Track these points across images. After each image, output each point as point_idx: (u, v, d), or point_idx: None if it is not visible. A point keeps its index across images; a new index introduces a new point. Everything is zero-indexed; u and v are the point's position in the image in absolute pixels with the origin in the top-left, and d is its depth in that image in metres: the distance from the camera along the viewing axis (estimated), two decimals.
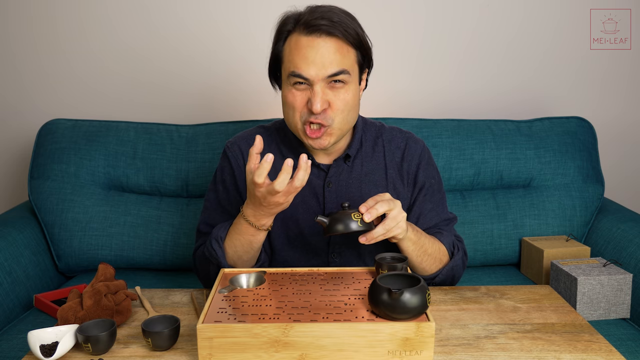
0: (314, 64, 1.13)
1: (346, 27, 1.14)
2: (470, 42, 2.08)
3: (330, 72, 1.13)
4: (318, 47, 1.13)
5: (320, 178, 1.29)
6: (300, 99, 1.16)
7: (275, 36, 1.20)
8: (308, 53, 1.13)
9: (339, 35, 1.14)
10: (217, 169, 1.35)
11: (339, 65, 1.14)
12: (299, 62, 1.14)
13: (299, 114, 1.18)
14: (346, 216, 1.06)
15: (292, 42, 1.16)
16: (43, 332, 0.96)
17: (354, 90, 1.19)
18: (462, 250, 1.32)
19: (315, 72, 1.13)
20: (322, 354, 0.90)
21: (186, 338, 1.00)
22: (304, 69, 1.13)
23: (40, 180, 1.78)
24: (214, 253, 1.18)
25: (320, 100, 1.14)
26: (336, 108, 1.16)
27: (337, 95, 1.16)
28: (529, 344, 0.98)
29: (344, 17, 1.16)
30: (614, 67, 2.12)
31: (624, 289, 1.47)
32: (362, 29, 1.20)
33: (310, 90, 1.15)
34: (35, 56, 2.04)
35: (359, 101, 1.23)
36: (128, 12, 2.01)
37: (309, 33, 1.13)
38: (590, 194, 1.84)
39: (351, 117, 1.21)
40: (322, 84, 1.15)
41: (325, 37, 1.13)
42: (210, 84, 2.07)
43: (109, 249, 1.75)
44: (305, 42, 1.13)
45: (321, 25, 1.12)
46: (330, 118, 1.16)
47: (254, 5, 2.02)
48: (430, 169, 1.35)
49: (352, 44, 1.16)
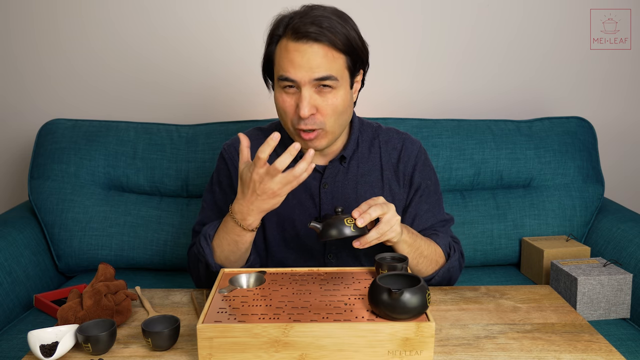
0: (300, 67, 1.13)
1: (335, 33, 1.13)
2: (470, 42, 2.08)
3: (316, 76, 1.13)
4: (305, 52, 1.13)
5: (316, 179, 1.29)
6: (289, 103, 1.17)
7: (267, 39, 1.21)
8: (295, 58, 1.13)
9: (326, 42, 1.13)
10: (214, 171, 1.36)
11: (326, 71, 1.14)
12: (286, 66, 1.14)
13: (289, 118, 1.18)
14: (339, 221, 1.06)
15: (282, 46, 1.16)
16: (43, 332, 0.96)
17: (344, 94, 1.18)
18: (459, 252, 1.32)
19: (301, 75, 1.13)
20: (322, 354, 0.90)
21: (186, 338, 1.00)
22: (291, 72, 1.14)
23: (40, 180, 1.78)
24: (202, 251, 1.18)
25: (307, 105, 1.14)
26: (325, 113, 1.16)
27: (325, 100, 1.16)
28: (529, 344, 0.98)
29: (335, 21, 1.14)
30: (614, 67, 2.12)
31: (624, 289, 1.47)
32: (355, 31, 1.19)
33: (299, 94, 1.15)
34: (36, 56, 2.04)
35: (351, 103, 1.23)
36: (128, 12, 2.01)
37: (296, 39, 1.13)
38: (590, 194, 1.84)
39: (343, 120, 1.21)
40: (310, 88, 1.15)
41: (313, 44, 1.13)
42: (209, 84, 2.07)
43: (109, 249, 1.75)
44: (293, 48, 1.14)
45: (309, 32, 1.12)
46: (319, 122, 1.17)
47: (253, 6, 2.02)
48: (426, 170, 1.35)
49: (341, 50, 1.15)
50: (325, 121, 1.17)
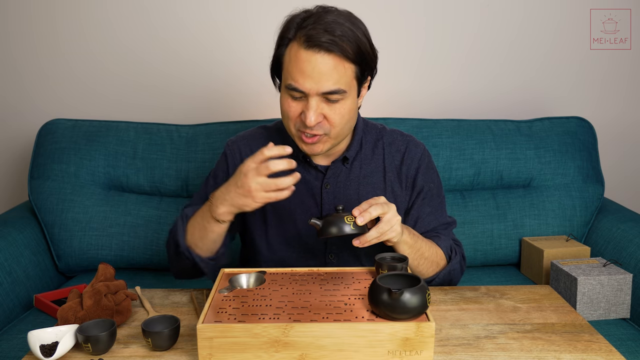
0: (310, 78, 1.11)
1: (347, 42, 1.11)
2: (470, 43, 2.07)
3: (325, 89, 1.12)
4: (315, 62, 1.11)
5: (318, 179, 1.29)
6: (294, 109, 1.16)
7: (277, 39, 1.19)
8: (305, 67, 1.11)
9: (338, 52, 1.11)
10: (216, 164, 1.36)
11: (335, 84, 1.12)
12: (296, 75, 1.12)
13: (293, 122, 1.18)
14: (339, 219, 1.06)
15: (292, 52, 1.14)
16: (43, 332, 0.96)
17: (351, 103, 1.17)
18: (460, 255, 1.31)
19: (310, 86, 1.12)
20: (322, 354, 0.90)
21: (186, 338, 1.00)
22: (300, 82, 1.12)
23: (40, 180, 1.78)
24: (176, 229, 1.20)
25: (314, 114, 1.13)
26: (332, 121, 1.16)
27: (333, 109, 1.15)
28: (529, 344, 0.98)
29: (347, 28, 1.12)
30: (614, 67, 2.12)
31: (624, 289, 1.47)
32: (366, 37, 1.17)
33: (306, 102, 1.14)
34: (36, 56, 2.04)
35: (356, 109, 1.22)
36: (128, 12, 2.01)
37: (308, 47, 1.11)
38: (590, 194, 1.84)
39: (347, 128, 1.21)
40: (318, 97, 1.13)
41: (324, 54, 1.11)
42: (210, 84, 2.07)
43: (109, 249, 1.75)
44: (304, 56, 1.11)
45: (322, 42, 1.10)
46: (326, 128, 1.16)
47: (254, 7, 2.02)
48: (429, 173, 1.34)
49: (352, 59, 1.14)
50: (331, 129, 1.17)
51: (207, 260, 1.20)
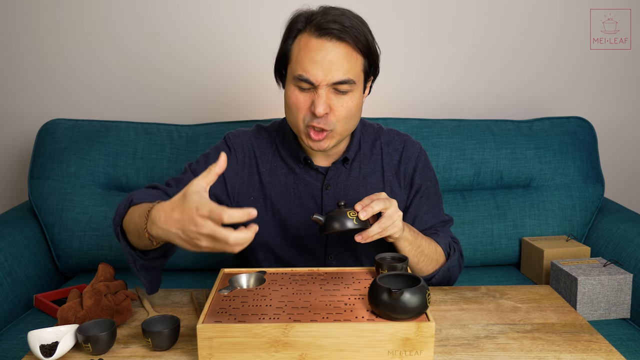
0: (321, 68, 1.12)
1: (357, 33, 1.13)
2: (470, 43, 2.08)
3: (335, 79, 1.13)
4: (327, 50, 1.12)
5: (319, 180, 1.29)
6: (303, 101, 1.16)
7: (285, 33, 1.19)
8: (316, 56, 1.12)
9: (349, 40, 1.12)
10: (213, 147, 1.31)
11: (346, 74, 1.13)
12: (306, 65, 1.12)
13: (301, 115, 1.17)
14: (342, 214, 1.06)
15: (302, 42, 1.14)
16: (43, 332, 0.96)
17: (358, 98, 1.18)
18: (458, 252, 1.32)
19: (321, 76, 1.12)
20: (322, 354, 0.90)
21: (186, 338, 1.00)
22: (310, 72, 1.12)
23: (40, 180, 1.78)
24: (117, 210, 1.08)
25: (323, 104, 1.13)
26: (338, 114, 1.16)
27: (341, 101, 1.15)
28: (529, 344, 0.98)
29: (355, 22, 1.14)
30: (613, 67, 2.12)
31: (624, 289, 1.47)
32: (372, 36, 1.19)
33: (315, 93, 1.14)
34: (36, 56, 2.04)
35: (361, 106, 1.22)
36: (128, 13, 2.01)
37: (319, 35, 1.12)
38: (590, 194, 1.84)
39: (352, 124, 1.21)
40: (327, 88, 1.14)
41: (336, 42, 1.12)
42: (209, 84, 2.07)
43: (109, 249, 1.75)
44: (315, 45, 1.12)
45: (332, 29, 1.11)
46: (332, 123, 1.16)
47: (254, 7, 2.02)
48: (426, 171, 1.35)
49: (361, 51, 1.15)
50: (336, 122, 1.16)
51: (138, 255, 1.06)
